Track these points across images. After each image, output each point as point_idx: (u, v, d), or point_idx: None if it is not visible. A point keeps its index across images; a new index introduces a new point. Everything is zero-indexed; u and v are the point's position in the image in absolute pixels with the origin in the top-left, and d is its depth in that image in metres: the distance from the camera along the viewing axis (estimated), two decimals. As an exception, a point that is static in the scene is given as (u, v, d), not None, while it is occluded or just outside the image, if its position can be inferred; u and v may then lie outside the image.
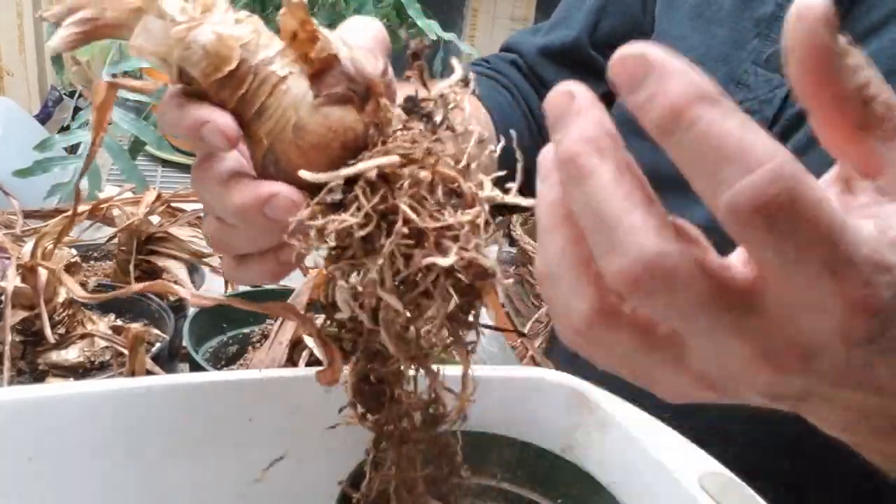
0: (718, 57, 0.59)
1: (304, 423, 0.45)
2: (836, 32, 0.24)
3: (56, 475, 0.42)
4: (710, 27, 0.60)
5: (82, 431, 0.42)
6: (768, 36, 0.57)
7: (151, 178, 1.57)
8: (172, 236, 0.71)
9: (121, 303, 0.67)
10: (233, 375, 0.45)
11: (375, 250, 0.30)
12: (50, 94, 2.00)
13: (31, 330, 0.57)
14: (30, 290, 0.55)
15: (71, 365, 0.58)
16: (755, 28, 0.57)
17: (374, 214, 0.30)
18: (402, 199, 0.30)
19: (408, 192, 0.30)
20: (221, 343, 0.66)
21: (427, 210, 0.30)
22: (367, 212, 0.30)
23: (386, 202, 0.30)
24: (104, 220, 0.70)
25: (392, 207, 0.30)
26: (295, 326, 0.59)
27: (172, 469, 0.44)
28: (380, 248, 0.30)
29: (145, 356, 0.54)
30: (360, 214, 0.30)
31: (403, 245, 0.30)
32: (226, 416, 0.44)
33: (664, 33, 0.63)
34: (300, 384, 0.46)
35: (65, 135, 1.29)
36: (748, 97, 0.57)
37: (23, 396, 0.41)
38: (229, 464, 0.45)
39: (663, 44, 0.24)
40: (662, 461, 0.42)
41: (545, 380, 0.48)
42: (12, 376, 0.54)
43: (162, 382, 0.44)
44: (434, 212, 0.30)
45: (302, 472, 0.46)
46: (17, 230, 0.65)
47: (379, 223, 0.30)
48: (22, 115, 1.53)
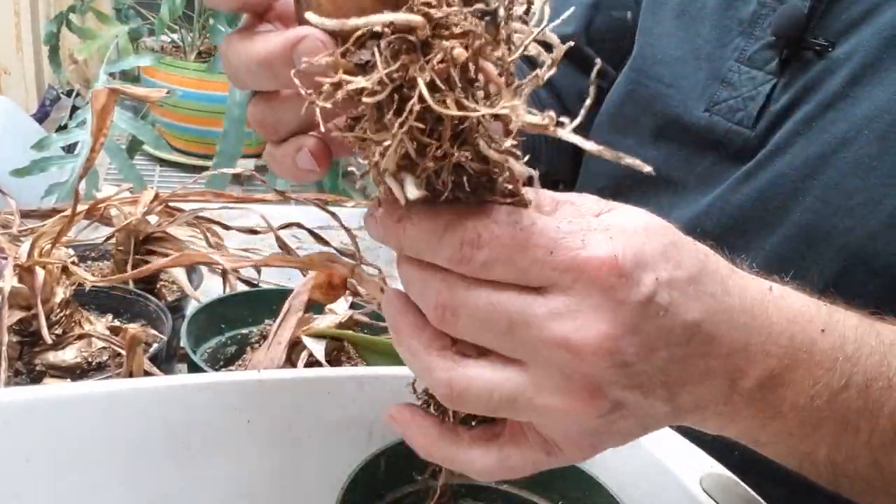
0: (702, 55, 0.59)
1: (303, 424, 0.45)
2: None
3: (53, 476, 0.41)
4: (694, 25, 0.61)
5: (80, 433, 0.41)
6: (752, 34, 0.57)
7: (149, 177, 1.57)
8: (170, 236, 0.70)
9: (118, 303, 0.66)
10: (231, 376, 0.45)
11: (385, 127, 0.27)
12: (47, 93, 2.00)
13: (29, 330, 0.57)
14: (27, 290, 0.55)
15: (68, 366, 0.58)
16: (739, 26, 0.58)
17: (388, 83, 0.27)
18: (424, 72, 0.26)
19: (435, 67, 0.26)
20: (220, 344, 0.65)
21: (453, 94, 0.27)
22: (382, 78, 0.27)
23: (406, 72, 0.27)
24: (102, 219, 0.70)
25: (410, 80, 0.27)
26: (294, 327, 0.59)
27: (170, 470, 0.44)
28: (389, 126, 0.27)
29: (143, 357, 0.53)
30: (374, 79, 0.27)
31: (417, 129, 0.27)
32: (224, 416, 0.44)
33: (647, 31, 0.63)
34: (299, 385, 0.45)
35: (62, 134, 1.29)
36: (732, 95, 0.57)
37: (20, 397, 0.41)
38: (228, 464, 0.44)
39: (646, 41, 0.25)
40: (663, 462, 0.42)
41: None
42: (9, 377, 0.54)
43: (160, 383, 0.44)
44: (461, 98, 0.27)
45: (302, 472, 0.46)
46: (14, 230, 0.65)
47: (392, 94, 0.27)
48: (19, 115, 1.53)
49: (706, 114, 0.58)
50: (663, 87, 0.61)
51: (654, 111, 0.62)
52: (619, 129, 0.64)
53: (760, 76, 0.57)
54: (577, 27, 0.69)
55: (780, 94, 0.56)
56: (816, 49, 0.54)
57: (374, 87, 0.27)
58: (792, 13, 0.55)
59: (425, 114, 0.27)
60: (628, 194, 0.64)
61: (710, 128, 0.58)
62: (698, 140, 0.59)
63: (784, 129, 0.55)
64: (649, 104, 0.62)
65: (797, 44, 0.55)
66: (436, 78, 0.26)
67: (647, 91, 0.62)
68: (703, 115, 0.59)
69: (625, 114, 0.64)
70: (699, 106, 0.59)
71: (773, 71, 0.56)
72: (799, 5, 0.54)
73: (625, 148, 0.29)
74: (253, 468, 0.45)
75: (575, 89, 0.71)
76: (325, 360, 0.58)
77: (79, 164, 1.20)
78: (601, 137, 0.67)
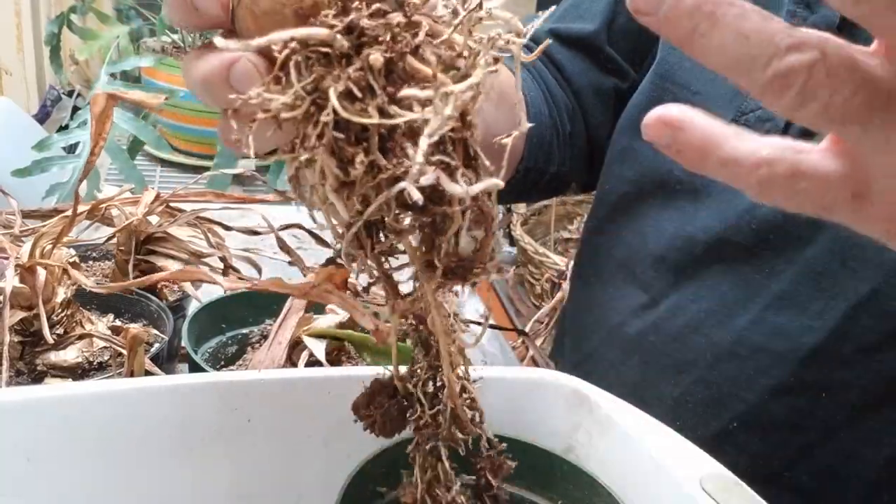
0: None
1: (303, 424, 0.45)
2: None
3: (54, 476, 0.41)
4: None
5: (81, 432, 0.42)
6: None
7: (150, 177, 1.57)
8: (171, 236, 0.70)
9: (120, 303, 0.67)
10: (232, 376, 0.45)
11: (312, 145, 0.27)
12: (48, 93, 2.00)
13: (30, 330, 0.57)
14: (28, 290, 0.55)
15: (69, 365, 0.58)
16: None
17: (304, 95, 0.26)
18: (338, 82, 0.26)
19: (351, 76, 0.26)
20: (221, 343, 0.66)
21: (375, 101, 0.26)
22: (298, 92, 0.26)
23: (321, 83, 0.26)
24: (103, 220, 0.70)
25: (324, 91, 0.26)
26: (295, 327, 0.59)
27: (171, 470, 0.44)
28: (313, 141, 0.27)
29: (144, 357, 0.54)
30: (290, 94, 0.26)
31: (340, 140, 0.26)
32: (225, 416, 0.44)
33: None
34: (300, 384, 0.46)
35: (63, 134, 1.29)
36: (760, 104, 0.57)
37: (21, 397, 0.41)
38: (228, 464, 0.45)
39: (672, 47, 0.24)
40: (663, 462, 0.42)
41: (545, 380, 0.48)
42: (11, 377, 0.54)
43: (161, 383, 0.44)
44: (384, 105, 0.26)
45: (302, 472, 0.46)
46: (15, 230, 0.65)
47: (309, 109, 0.27)
48: (20, 115, 1.53)
49: (734, 123, 0.57)
50: (689, 94, 0.60)
51: None
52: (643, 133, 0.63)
53: None
54: (598, 25, 0.69)
55: None
56: None
57: (294, 103, 0.27)
58: (823, 23, 0.54)
59: (347, 126, 0.26)
60: (650, 199, 0.63)
61: None
62: None
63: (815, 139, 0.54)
64: None
65: None
66: (353, 87, 0.26)
67: (673, 97, 0.61)
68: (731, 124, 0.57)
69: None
70: (727, 115, 0.57)
71: None
72: (830, 15, 0.53)
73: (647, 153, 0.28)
74: (253, 468, 0.45)
75: (593, 88, 0.70)
76: (325, 360, 0.58)
77: (80, 165, 1.20)
78: (624, 141, 0.66)
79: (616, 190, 0.65)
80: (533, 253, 1.57)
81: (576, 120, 0.70)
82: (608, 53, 0.69)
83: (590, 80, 0.70)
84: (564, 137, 0.69)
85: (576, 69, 0.70)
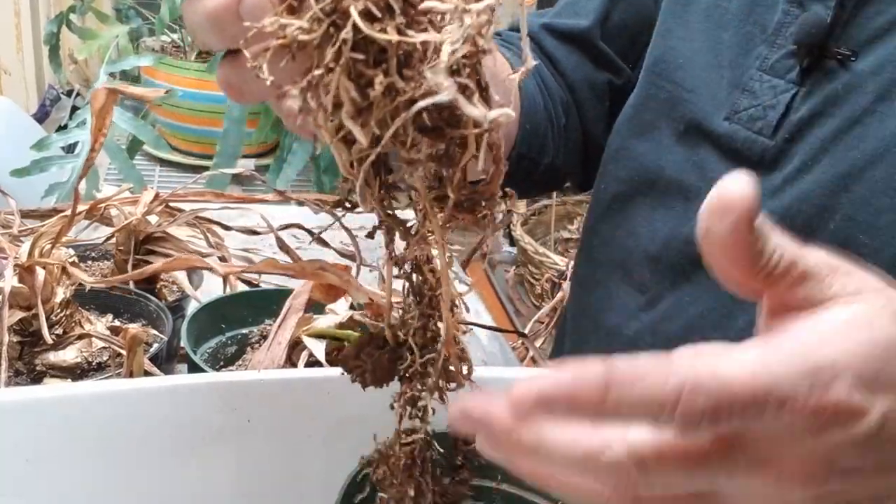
0: (724, 62, 0.58)
1: (303, 424, 0.45)
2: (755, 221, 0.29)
3: (54, 476, 0.41)
4: (717, 31, 0.59)
5: (80, 432, 0.41)
6: (774, 42, 0.56)
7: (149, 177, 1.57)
8: (170, 236, 0.70)
9: (118, 303, 0.66)
10: (232, 376, 0.45)
11: (330, 68, 0.27)
12: (47, 93, 2.00)
13: (29, 330, 0.57)
14: (27, 290, 0.55)
15: (68, 366, 0.58)
16: (762, 34, 0.57)
17: (322, 17, 0.26)
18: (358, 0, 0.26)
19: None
20: (220, 344, 0.65)
21: (394, 22, 0.26)
22: (316, 13, 0.26)
23: (340, 3, 0.26)
24: (102, 219, 0.70)
25: (343, 11, 0.26)
26: (294, 327, 0.59)
27: (171, 470, 0.44)
28: (331, 63, 0.26)
29: (143, 357, 0.54)
30: (307, 16, 0.26)
31: (358, 61, 0.26)
32: (224, 416, 0.44)
33: (668, 33, 0.62)
34: (299, 385, 0.45)
35: (62, 134, 1.29)
36: (753, 103, 0.56)
37: (21, 397, 0.41)
38: (228, 464, 0.44)
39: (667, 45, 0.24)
40: (663, 462, 0.42)
41: (545, 380, 0.48)
42: (10, 377, 0.54)
43: (160, 383, 0.44)
44: (402, 26, 0.26)
45: (302, 472, 0.46)
46: (14, 230, 0.65)
47: (328, 31, 0.26)
48: (19, 115, 1.53)
49: (726, 122, 0.57)
50: (684, 92, 0.59)
51: (674, 116, 0.60)
52: (639, 131, 0.63)
53: (781, 85, 0.55)
54: (592, 21, 0.69)
55: (801, 103, 0.54)
56: (838, 58, 0.53)
57: (311, 26, 0.26)
58: (814, 21, 0.53)
59: (366, 45, 0.26)
60: (642, 199, 0.63)
61: (730, 136, 0.57)
62: (717, 148, 0.58)
63: (807, 143, 0.54)
64: (669, 108, 0.61)
65: (819, 53, 0.54)
66: (372, 6, 0.26)
67: (667, 95, 0.61)
68: (724, 123, 0.57)
69: (644, 116, 0.63)
70: (720, 114, 0.57)
71: (794, 80, 0.55)
72: (821, 13, 0.53)
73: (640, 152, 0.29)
74: (253, 468, 0.45)
75: (587, 82, 0.70)
76: (325, 360, 0.58)
77: (79, 164, 1.20)
78: (621, 140, 0.66)
79: (610, 189, 0.65)
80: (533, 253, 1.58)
81: (570, 113, 0.70)
82: (601, 49, 0.69)
83: (584, 75, 0.70)
84: (559, 129, 0.69)
85: (570, 63, 0.70)
